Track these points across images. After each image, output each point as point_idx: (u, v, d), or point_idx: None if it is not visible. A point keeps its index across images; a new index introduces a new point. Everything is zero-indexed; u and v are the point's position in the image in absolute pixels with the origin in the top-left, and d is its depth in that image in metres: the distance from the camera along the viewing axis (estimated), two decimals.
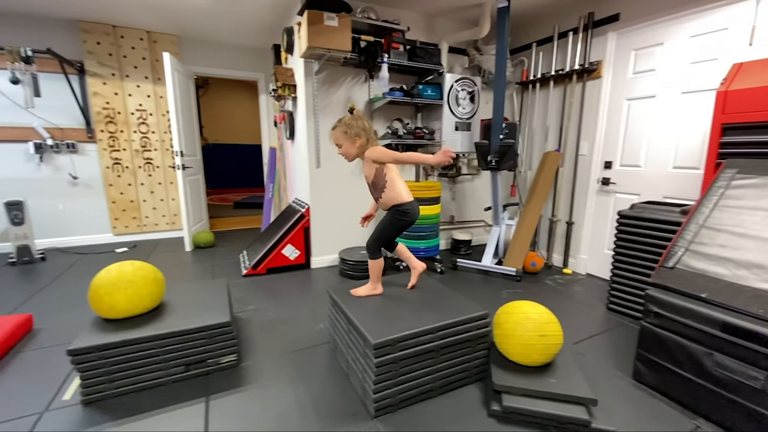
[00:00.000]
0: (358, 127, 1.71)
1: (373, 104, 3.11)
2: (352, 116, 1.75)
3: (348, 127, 1.70)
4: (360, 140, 1.71)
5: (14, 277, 2.95)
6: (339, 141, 1.75)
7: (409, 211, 1.76)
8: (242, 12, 3.25)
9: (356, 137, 1.71)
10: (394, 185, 1.75)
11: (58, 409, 1.46)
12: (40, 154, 3.59)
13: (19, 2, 3.09)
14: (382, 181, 1.74)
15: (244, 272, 2.99)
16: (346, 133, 1.71)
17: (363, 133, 1.71)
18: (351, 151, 1.74)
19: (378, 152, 1.72)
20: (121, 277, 1.62)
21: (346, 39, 2.55)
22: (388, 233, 1.80)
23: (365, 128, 1.72)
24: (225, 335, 1.68)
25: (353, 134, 1.70)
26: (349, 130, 1.70)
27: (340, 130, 1.72)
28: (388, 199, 1.76)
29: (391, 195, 1.75)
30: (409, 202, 1.76)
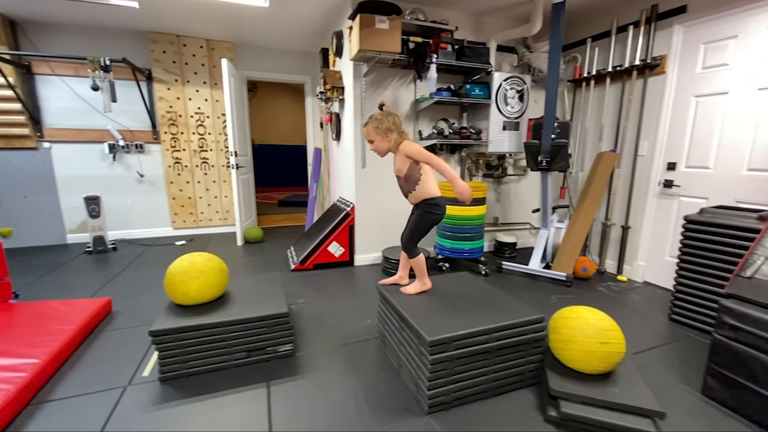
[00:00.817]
0: (389, 122, 1.74)
1: (418, 104, 3.12)
2: (383, 112, 1.78)
3: (379, 122, 1.73)
4: (392, 135, 1.74)
5: (91, 265, 3.28)
6: (371, 137, 1.78)
7: (441, 204, 1.78)
8: (294, 18, 3.39)
9: (388, 132, 1.74)
10: (428, 179, 1.77)
11: (139, 384, 1.61)
12: (113, 154, 3.97)
13: (100, 16, 3.43)
14: (417, 175, 1.75)
15: (293, 267, 3.13)
16: (377, 128, 1.74)
17: (394, 127, 1.74)
18: (383, 146, 1.77)
19: (414, 148, 1.73)
20: (193, 267, 1.76)
21: (396, 41, 2.59)
22: (421, 229, 1.82)
23: (396, 123, 1.75)
24: (283, 325, 1.77)
25: (385, 129, 1.73)
26: (381, 125, 1.73)
27: (372, 126, 1.75)
28: (420, 192, 1.77)
29: (425, 188, 1.76)
30: (440, 197, 1.78)
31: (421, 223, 1.81)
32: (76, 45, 3.69)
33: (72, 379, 1.64)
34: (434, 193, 1.77)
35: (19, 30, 3.55)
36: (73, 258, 3.45)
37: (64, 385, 1.59)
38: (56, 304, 2.16)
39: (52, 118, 3.75)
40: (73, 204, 3.92)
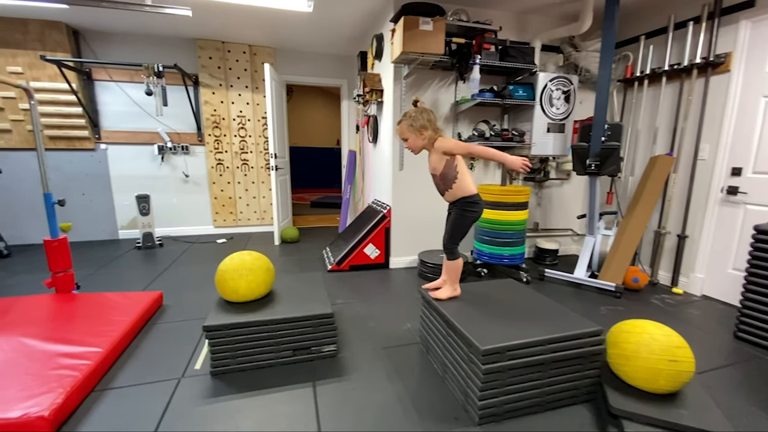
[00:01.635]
0: (424, 119, 1.69)
1: (459, 106, 3.08)
2: (417, 109, 1.74)
3: (413, 119, 1.70)
4: (427, 132, 1.70)
5: (141, 259, 3.46)
6: (405, 135, 1.75)
7: (478, 202, 1.75)
8: (334, 23, 3.44)
9: (422, 129, 1.70)
10: (465, 177, 1.73)
11: (191, 377, 1.67)
12: (161, 155, 4.18)
13: (153, 25, 3.64)
14: (453, 173, 1.72)
15: (329, 268, 3.16)
16: (411, 126, 1.70)
17: (429, 124, 1.70)
18: (417, 143, 1.74)
19: (450, 143, 1.70)
20: (243, 265, 1.81)
21: (440, 42, 2.56)
22: (460, 228, 1.79)
23: (431, 119, 1.71)
24: (327, 326, 1.78)
25: (419, 126, 1.69)
26: (415, 123, 1.69)
27: (406, 124, 1.72)
28: (458, 190, 1.74)
29: (461, 186, 1.73)
30: (476, 194, 1.75)
31: (459, 222, 1.78)
32: (131, 52, 3.92)
33: (131, 369, 1.72)
34: (471, 191, 1.74)
35: (81, 39, 3.82)
36: (125, 253, 3.66)
37: (124, 374, 1.68)
38: (113, 296, 2.29)
39: (109, 121, 4.01)
40: (125, 202, 4.16)
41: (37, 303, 2.12)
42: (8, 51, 3.55)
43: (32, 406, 1.30)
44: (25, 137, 3.75)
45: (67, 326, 1.88)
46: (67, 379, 1.46)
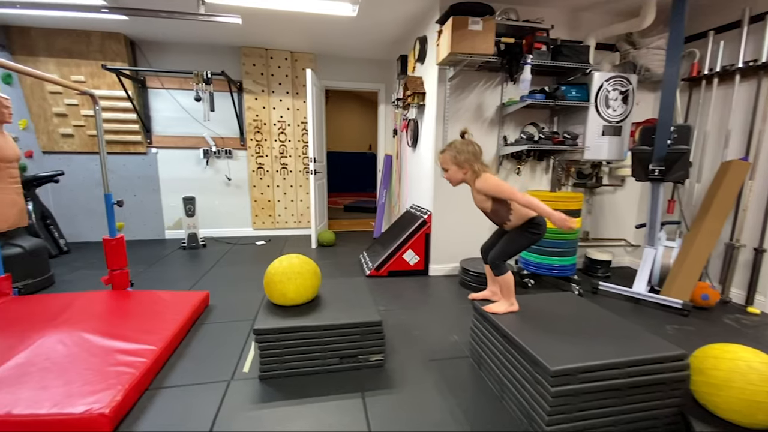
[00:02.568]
0: (468, 152, 1.60)
1: (505, 108, 2.95)
2: (463, 141, 1.64)
3: (458, 152, 1.61)
4: (467, 168, 1.61)
5: (186, 259, 3.57)
6: (446, 165, 1.66)
7: (543, 223, 1.62)
8: (377, 27, 3.43)
9: (465, 163, 1.61)
10: (520, 208, 1.60)
11: (241, 380, 1.66)
12: (206, 159, 4.33)
13: (202, 34, 3.79)
14: (504, 210, 1.62)
15: (368, 273, 3.11)
16: (455, 158, 1.61)
17: (473, 158, 1.60)
18: (457, 177, 1.65)
19: (490, 185, 1.58)
20: (291, 268, 1.79)
21: (490, 42, 2.47)
22: (517, 246, 1.68)
23: (475, 154, 1.61)
24: (375, 334, 1.72)
25: (462, 160, 1.61)
26: (459, 156, 1.60)
27: (449, 155, 1.63)
28: (517, 220, 1.63)
29: (519, 216, 1.61)
30: (539, 216, 1.60)
31: (517, 240, 1.66)
32: (181, 61, 4.10)
33: (182, 368, 1.74)
34: (533, 214, 1.61)
35: (137, 49, 4.04)
36: (171, 252, 3.80)
37: (176, 374, 1.70)
38: (164, 295, 2.35)
39: (160, 127, 4.21)
40: (172, 203, 4.34)
41: (95, 299, 2.22)
42: (73, 61, 3.81)
43: (93, 402, 1.33)
44: (85, 141, 4.00)
45: (124, 323, 1.94)
46: (125, 376, 1.49)
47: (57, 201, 4.05)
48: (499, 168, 3.09)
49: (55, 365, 1.53)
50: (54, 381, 1.43)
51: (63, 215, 4.03)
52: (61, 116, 3.88)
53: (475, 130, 3.01)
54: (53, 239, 3.64)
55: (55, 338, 1.73)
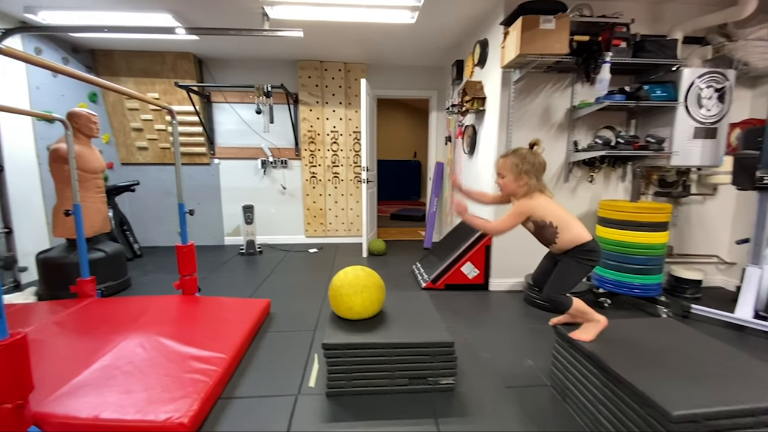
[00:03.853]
0: (532, 164, 1.47)
1: (576, 111, 2.73)
2: (530, 151, 1.51)
3: (522, 160, 1.47)
4: (525, 181, 1.48)
5: (245, 265, 3.69)
6: (504, 171, 1.53)
7: (596, 250, 1.48)
8: (433, 32, 3.36)
9: (525, 175, 1.47)
10: (570, 227, 1.47)
11: (308, 395, 1.62)
12: (264, 169, 4.50)
13: (262, 50, 3.96)
14: (551, 228, 1.48)
15: (423, 285, 3.00)
16: (517, 166, 1.48)
17: (533, 171, 1.47)
18: (510, 187, 1.53)
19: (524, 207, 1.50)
20: (357, 281, 1.74)
21: (564, 41, 2.30)
22: (572, 278, 1.51)
23: (536, 167, 1.48)
24: (447, 355, 1.61)
25: (523, 170, 1.47)
26: (522, 165, 1.47)
27: (512, 161, 1.50)
28: (564, 243, 1.48)
29: (569, 238, 1.47)
30: (592, 240, 1.48)
31: (571, 271, 1.49)
32: (242, 76, 4.31)
33: (249, 378, 1.74)
34: (584, 238, 1.47)
35: (204, 67, 4.31)
36: (231, 258, 3.95)
37: (244, 384, 1.70)
38: (228, 301, 2.41)
39: (222, 139, 4.44)
40: (231, 211, 4.55)
41: (168, 303, 2.32)
42: (149, 80, 4.14)
43: (173, 410, 1.34)
44: (157, 153, 4.32)
45: (195, 328, 1.99)
46: (200, 384, 1.51)
47: (132, 208, 4.39)
48: (568, 176, 2.86)
49: (137, 369, 1.59)
50: (136, 385, 1.48)
51: (136, 221, 4.36)
52: (138, 130, 4.22)
53: (542, 135, 2.81)
54: (129, 244, 3.94)
55: (136, 342, 1.81)
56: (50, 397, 1.37)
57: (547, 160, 2.79)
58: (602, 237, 2.61)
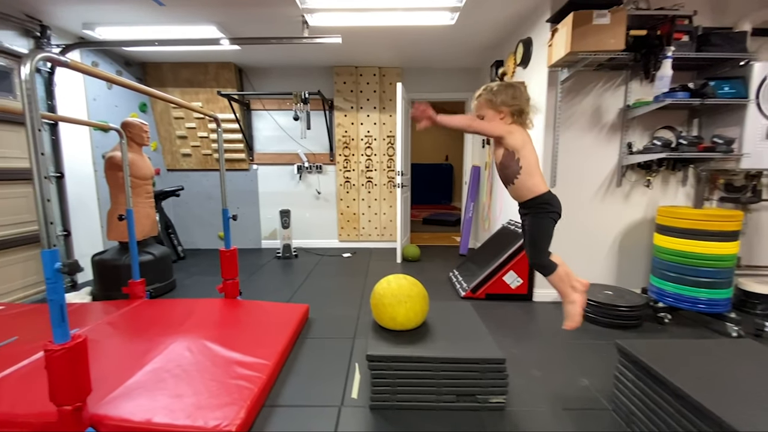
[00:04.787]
0: (506, 95, 1.42)
1: (631, 111, 2.55)
2: (503, 82, 1.46)
3: (494, 93, 1.43)
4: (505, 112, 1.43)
5: (281, 269, 3.74)
6: (481, 112, 1.49)
7: (551, 200, 1.47)
8: (471, 33, 3.26)
9: (503, 107, 1.42)
10: (533, 174, 1.44)
11: (351, 406, 1.58)
12: (299, 174, 4.56)
13: (299, 57, 4.03)
14: (515, 166, 1.44)
15: (462, 294, 2.90)
16: (490, 102, 1.44)
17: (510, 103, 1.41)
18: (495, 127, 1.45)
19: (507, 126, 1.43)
20: (401, 290, 1.68)
21: (619, 37, 2.14)
22: (544, 234, 1.50)
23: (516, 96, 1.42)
24: (497, 372, 1.51)
25: (498, 103, 1.42)
26: (495, 97, 1.42)
27: (484, 98, 1.47)
28: (521, 187, 1.46)
29: (528, 183, 1.45)
30: (548, 192, 1.47)
31: (538, 226, 1.49)
32: (279, 83, 4.41)
33: (291, 386, 1.72)
34: (541, 190, 1.46)
35: (244, 75, 4.45)
36: (268, 262, 4.03)
37: (287, 392, 1.68)
38: (268, 306, 2.43)
39: (260, 145, 4.56)
40: (268, 215, 4.65)
41: (212, 306, 2.37)
42: (193, 90, 4.32)
43: (221, 417, 1.34)
44: (199, 160, 4.50)
45: (238, 333, 2.01)
46: (246, 391, 1.50)
47: (176, 212, 4.59)
48: (621, 180, 2.67)
49: (185, 373, 1.61)
50: (185, 389, 1.50)
51: (180, 224, 4.54)
52: (182, 138, 4.41)
53: (592, 137, 2.65)
54: (173, 246, 4.11)
55: (183, 345, 1.85)
56: (105, 399, 1.41)
57: (597, 163, 2.66)
58: (661, 246, 2.40)
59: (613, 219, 2.73)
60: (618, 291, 2.56)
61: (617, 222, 2.74)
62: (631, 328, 2.37)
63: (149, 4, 2.69)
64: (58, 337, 1.18)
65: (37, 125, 1.11)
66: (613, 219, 2.73)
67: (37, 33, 2.90)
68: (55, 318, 1.17)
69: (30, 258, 2.89)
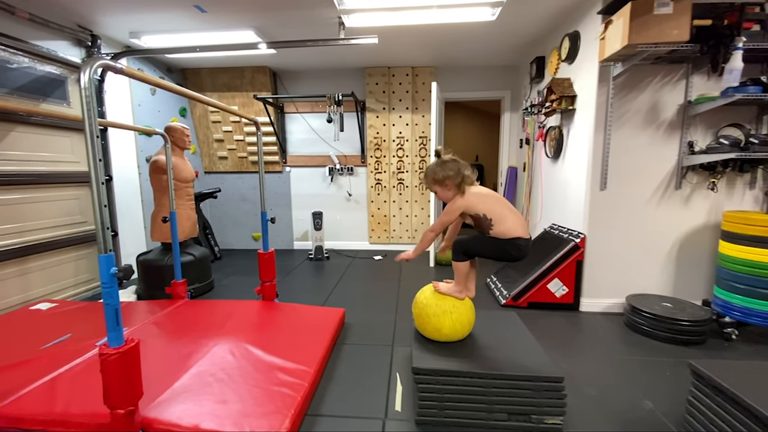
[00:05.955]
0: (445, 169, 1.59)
1: (693, 108, 2.34)
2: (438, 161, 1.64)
3: (434, 172, 1.62)
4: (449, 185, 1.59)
5: (314, 271, 3.74)
6: (433, 189, 1.67)
7: (522, 246, 1.56)
8: (513, 29, 3.13)
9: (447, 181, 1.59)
10: (504, 220, 1.55)
11: (395, 419, 1.52)
12: (331, 176, 4.57)
13: (333, 60, 4.02)
14: (486, 221, 1.57)
15: (503, 302, 2.77)
16: (435, 180, 1.62)
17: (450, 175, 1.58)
18: (446, 196, 1.63)
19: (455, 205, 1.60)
20: (446, 300, 1.61)
21: (684, 27, 1.96)
22: (486, 251, 1.61)
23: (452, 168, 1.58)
24: (554, 392, 1.40)
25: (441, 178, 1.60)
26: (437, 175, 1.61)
27: (431, 179, 1.64)
28: (499, 234, 1.56)
29: (502, 230, 1.55)
30: (521, 237, 1.54)
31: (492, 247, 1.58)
32: (311, 86, 4.44)
33: (333, 395, 1.68)
34: (516, 233, 1.54)
35: (278, 79, 4.51)
36: (300, 263, 4.05)
37: (329, 401, 1.64)
38: (305, 309, 2.42)
39: (293, 147, 4.60)
40: (300, 217, 4.68)
41: (251, 309, 2.38)
42: (230, 94, 4.42)
43: (266, 426, 1.32)
44: (235, 162, 4.60)
45: (278, 337, 2.00)
46: (289, 399, 1.48)
47: (212, 213, 4.71)
48: (681, 182, 2.46)
49: (229, 378, 1.61)
50: (230, 395, 1.49)
51: (215, 225, 4.67)
52: (219, 141, 4.53)
53: (647, 136, 2.46)
54: (210, 247, 4.22)
55: (225, 348, 1.85)
56: (154, 402, 1.42)
57: (653, 164, 2.46)
58: (728, 255, 2.19)
59: (670, 225, 2.52)
60: (677, 303, 2.36)
61: (675, 228, 2.53)
62: (694, 344, 2.17)
63: (192, 11, 2.76)
64: (113, 340, 1.19)
65: (95, 131, 1.13)
66: (670, 225, 2.52)
67: (88, 42, 3.04)
68: (110, 322, 1.18)
69: (81, 257, 3.03)
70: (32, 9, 2.58)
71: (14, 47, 2.50)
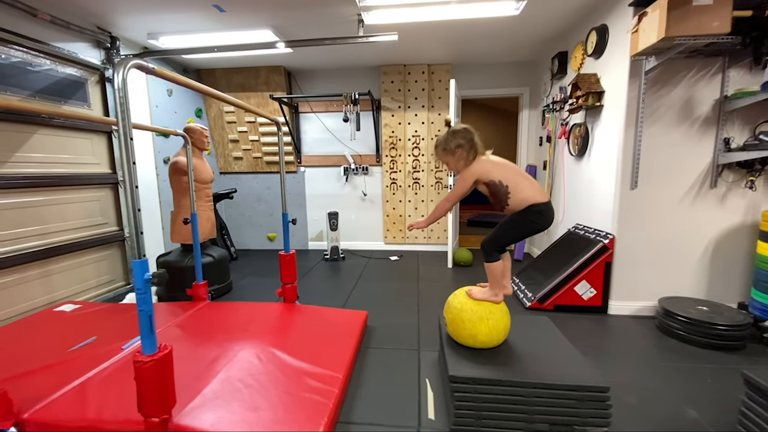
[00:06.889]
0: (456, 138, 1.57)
1: (730, 103, 2.24)
2: (448, 131, 1.61)
3: (446, 142, 1.59)
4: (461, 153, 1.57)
5: (330, 271, 3.71)
6: (444, 160, 1.64)
7: (544, 212, 1.51)
8: (535, 22, 3.04)
9: (457, 150, 1.57)
10: (521, 188, 1.50)
11: (429, 429, 1.47)
12: (346, 176, 4.53)
13: (348, 58, 3.98)
14: (502, 189, 1.52)
15: (528, 305, 2.70)
16: (446, 150, 1.60)
17: (462, 143, 1.56)
18: (457, 167, 1.61)
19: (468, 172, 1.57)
20: (481, 305, 1.55)
21: (725, 18, 1.87)
22: (513, 234, 1.59)
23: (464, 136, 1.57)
24: (599, 402, 1.34)
25: (453, 147, 1.57)
26: (448, 144, 1.58)
27: (441, 150, 1.62)
28: (516, 204, 1.52)
29: (520, 198, 1.50)
30: (543, 203, 1.50)
31: (515, 226, 1.55)
32: (326, 85, 4.40)
33: (362, 402, 1.64)
34: (535, 199, 1.50)
35: (292, 79, 4.48)
36: (316, 264, 4.02)
37: (359, 408, 1.60)
38: (327, 312, 2.38)
39: (307, 147, 4.57)
40: (315, 217, 4.66)
41: (273, 311, 2.36)
42: (245, 94, 4.40)
43: None
44: (250, 163, 4.59)
45: (303, 341, 1.97)
46: (321, 406, 1.44)
47: (227, 213, 4.71)
48: (716, 180, 2.36)
49: (258, 383, 1.58)
50: (261, 402, 1.46)
51: (231, 226, 4.67)
52: (234, 142, 4.52)
53: (680, 132, 2.37)
54: (227, 247, 4.22)
55: (251, 352, 1.83)
56: (185, 409, 1.40)
57: (687, 162, 2.37)
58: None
59: (705, 224, 2.43)
60: (713, 306, 2.27)
61: (710, 228, 2.43)
62: (733, 350, 2.08)
63: (210, 11, 2.73)
64: (147, 347, 1.17)
65: (129, 133, 1.10)
66: (705, 224, 2.43)
67: (107, 44, 3.04)
68: (144, 329, 1.15)
69: (102, 258, 3.04)
70: (53, 11, 2.58)
71: (36, 49, 2.51)
